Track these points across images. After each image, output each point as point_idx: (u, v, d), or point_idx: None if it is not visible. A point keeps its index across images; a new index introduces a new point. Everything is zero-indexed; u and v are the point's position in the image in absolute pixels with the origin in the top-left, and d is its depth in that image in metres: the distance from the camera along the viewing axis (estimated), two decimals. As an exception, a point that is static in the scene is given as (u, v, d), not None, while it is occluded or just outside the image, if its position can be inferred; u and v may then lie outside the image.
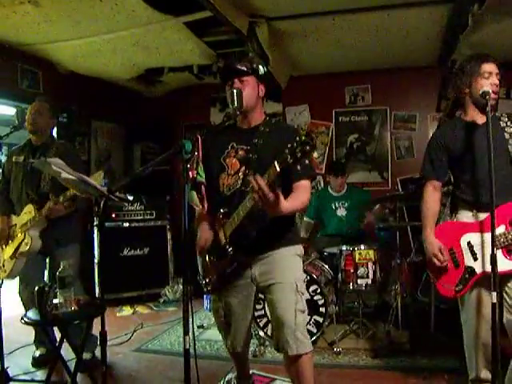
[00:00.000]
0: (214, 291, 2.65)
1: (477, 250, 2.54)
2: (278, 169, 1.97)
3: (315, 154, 1.99)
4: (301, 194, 2.40)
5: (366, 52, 5.27)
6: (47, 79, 5.11)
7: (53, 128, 3.66)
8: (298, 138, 1.87)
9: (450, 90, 5.20)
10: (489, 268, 2.35)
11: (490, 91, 2.40)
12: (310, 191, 2.46)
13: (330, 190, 5.03)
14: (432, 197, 2.76)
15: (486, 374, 2.62)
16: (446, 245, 2.65)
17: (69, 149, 3.73)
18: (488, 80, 2.50)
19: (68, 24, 4.15)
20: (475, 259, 2.55)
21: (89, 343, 3.26)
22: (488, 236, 2.40)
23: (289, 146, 1.90)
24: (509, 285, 2.48)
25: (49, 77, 5.13)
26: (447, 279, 2.64)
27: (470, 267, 2.55)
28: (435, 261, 2.64)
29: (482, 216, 2.54)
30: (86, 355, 3.36)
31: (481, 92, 2.42)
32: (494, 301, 2.24)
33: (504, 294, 2.50)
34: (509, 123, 2.60)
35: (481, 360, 2.62)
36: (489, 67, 2.53)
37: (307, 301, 2.63)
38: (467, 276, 2.55)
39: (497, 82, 2.51)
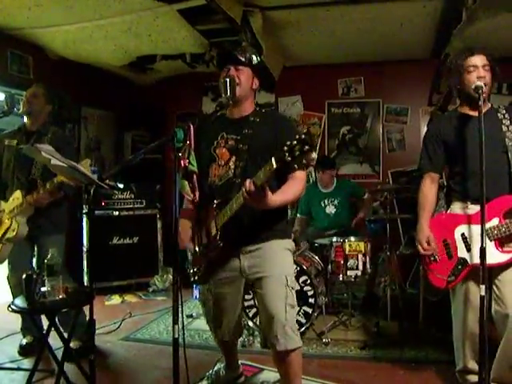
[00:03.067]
0: (203, 282, 2.64)
1: (470, 241, 2.57)
2: (275, 166, 1.95)
3: (313, 155, 1.96)
4: (293, 186, 2.39)
5: (360, 44, 5.27)
6: (37, 65, 5.05)
7: (48, 115, 3.60)
8: (298, 137, 1.84)
9: (442, 85, 5.22)
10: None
11: (483, 85, 2.38)
12: (304, 182, 2.46)
13: (319, 187, 5.03)
14: (430, 189, 2.79)
15: (473, 365, 2.66)
16: (441, 236, 2.69)
17: (63, 136, 3.70)
18: (474, 73, 2.50)
19: (59, 9, 4.10)
20: (468, 250, 2.58)
21: (78, 331, 3.25)
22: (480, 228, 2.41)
23: (288, 143, 1.86)
24: (499, 277, 2.51)
25: (39, 62, 5.08)
26: (440, 270, 2.67)
27: (463, 258, 2.59)
28: (419, 248, 2.69)
29: (476, 208, 2.55)
30: (75, 344, 3.35)
31: (473, 87, 2.41)
32: (483, 293, 2.26)
33: (493, 286, 2.53)
34: (506, 115, 2.61)
35: (468, 350, 2.66)
36: (473, 60, 2.53)
37: (297, 292, 2.63)
38: (460, 267, 2.59)
39: (482, 73, 2.50)
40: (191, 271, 2.62)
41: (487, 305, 2.39)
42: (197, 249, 2.57)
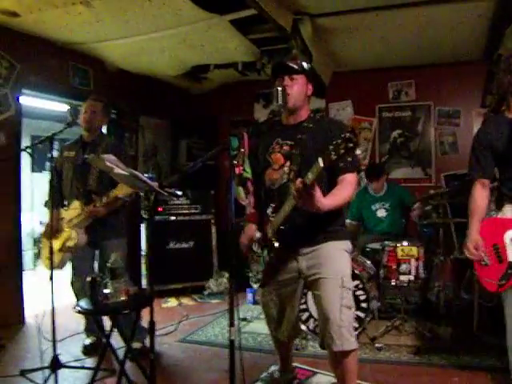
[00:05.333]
0: (264, 285, 2.72)
1: None
2: (322, 165, 1.97)
3: (358, 151, 2.00)
4: (343, 189, 2.40)
5: (410, 47, 5.22)
6: (97, 77, 5.29)
7: (105, 125, 3.78)
8: (342, 135, 1.89)
9: (494, 85, 5.10)
10: None
11: None
12: (354, 185, 2.46)
13: (369, 191, 5.01)
14: (481, 195, 2.74)
15: None
16: (491, 240, 2.66)
17: (118, 145, 3.85)
18: None
19: (117, 23, 4.29)
20: None
21: (138, 333, 3.37)
22: None
23: (334, 142, 1.91)
24: None
25: (98, 74, 5.32)
26: (491, 274, 2.64)
27: None
28: (466, 253, 2.69)
29: None
30: (136, 345, 3.47)
31: None
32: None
33: None
34: None
35: None
36: None
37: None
38: (510, 271, 2.55)
39: None
40: (252, 275, 2.69)
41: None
42: (257, 251, 2.64)
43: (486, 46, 5.12)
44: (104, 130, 4.06)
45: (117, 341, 3.08)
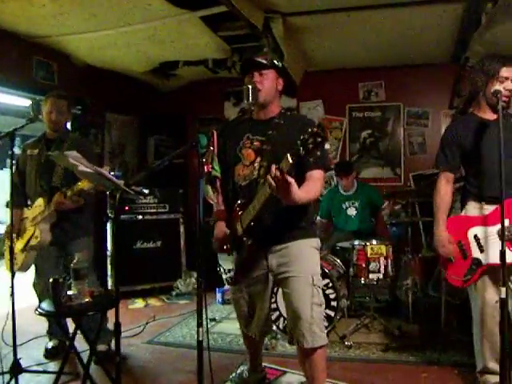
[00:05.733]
0: (235, 283, 2.70)
1: (483, 242, 2.68)
2: (291, 161, 1.98)
3: (327, 146, 2.00)
4: (313, 185, 2.41)
5: (380, 48, 5.26)
6: (62, 71, 5.14)
7: (69, 121, 3.68)
8: (309, 130, 1.89)
9: (463, 87, 5.21)
10: (494, 259, 2.55)
11: (502, 90, 2.48)
12: (322, 182, 2.49)
13: (340, 190, 5.04)
14: (445, 188, 2.87)
15: (493, 366, 2.69)
16: (455, 237, 2.78)
17: (83, 142, 3.76)
18: (502, 84, 2.59)
19: (84, 17, 4.17)
20: (481, 251, 2.68)
21: (104, 335, 3.30)
22: (492, 229, 2.62)
23: (301, 137, 1.91)
24: None
25: (63, 69, 5.16)
26: (456, 270, 2.78)
27: (477, 259, 2.69)
28: (441, 252, 2.77)
29: (489, 208, 2.68)
30: (101, 347, 3.40)
31: (492, 91, 2.52)
32: (503, 296, 2.29)
33: (510, 284, 2.57)
34: None
35: (488, 351, 2.70)
36: (507, 72, 2.61)
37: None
38: (474, 267, 2.69)
39: (510, 87, 2.60)
40: (225, 274, 2.67)
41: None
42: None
43: (453, 49, 5.20)
44: (68, 125, 3.95)
45: (81, 343, 3.00)
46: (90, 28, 4.45)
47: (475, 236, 2.71)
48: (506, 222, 2.52)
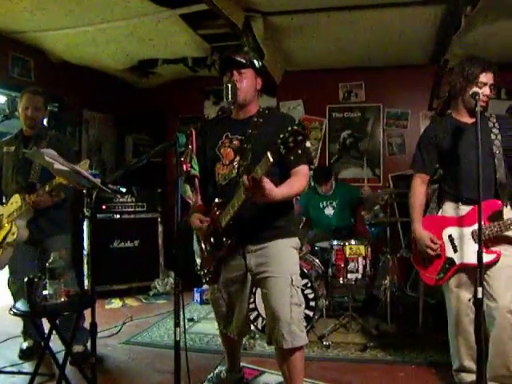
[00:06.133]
0: (213, 282, 2.67)
1: (457, 242, 2.74)
2: (272, 159, 1.98)
3: (308, 144, 2.01)
4: (297, 180, 2.42)
5: (361, 49, 5.29)
6: (39, 68, 5.06)
7: (45, 118, 3.62)
8: (290, 128, 1.89)
9: (442, 89, 5.26)
10: (467, 259, 2.64)
11: (480, 92, 2.50)
12: (307, 177, 2.48)
13: (318, 190, 5.06)
14: (419, 189, 2.92)
15: (468, 364, 2.73)
16: None
17: (61, 140, 3.71)
18: (480, 90, 2.61)
19: (61, 13, 4.11)
20: (455, 251, 2.73)
21: (80, 336, 3.25)
22: (467, 230, 2.68)
23: (281, 136, 1.91)
24: (488, 273, 2.60)
25: (40, 65, 5.09)
26: (430, 269, 2.85)
27: (450, 258, 2.75)
28: (429, 251, 2.79)
29: (466, 208, 2.72)
30: (77, 348, 3.36)
31: (471, 93, 2.53)
32: (480, 295, 2.29)
33: (484, 283, 2.57)
34: (496, 125, 2.72)
35: (463, 349, 2.75)
36: (486, 78, 2.65)
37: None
38: (447, 266, 2.75)
39: (488, 93, 2.66)
40: (202, 272, 2.64)
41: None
42: (205, 247, 2.60)
43: (433, 51, 5.27)
44: (45, 122, 3.89)
45: (56, 344, 2.95)
46: (68, 24, 4.39)
47: (450, 236, 2.75)
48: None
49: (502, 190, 2.66)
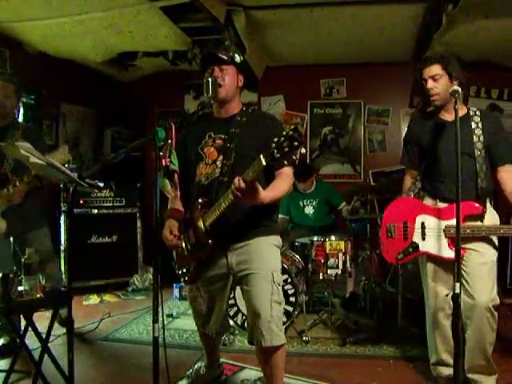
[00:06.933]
0: (192, 281, 2.64)
1: (427, 231, 2.77)
2: (264, 163, 1.97)
3: (303, 150, 2.00)
4: (282, 182, 2.41)
5: (343, 45, 5.30)
6: (14, 59, 4.91)
7: (18, 109, 3.55)
8: (285, 133, 1.87)
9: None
10: (432, 250, 2.72)
11: (459, 89, 2.46)
12: (291, 178, 2.47)
13: (299, 188, 5.06)
14: (408, 184, 3.02)
15: (446, 358, 2.78)
16: (403, 217, 2.87)
17: (35, 132, 3.64)
18: (426, 85, 2.68)
19: (39, 2, 4.02)
20: (423, 239, 2.78)
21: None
22: (441, 223, 2.72)
23: (275, 140, 1.89)
24: (465, 269, 2.64)
25: (17, 56, 4.95)
26: (393, 247, 2.90)
27: (416, 243, 2.80)
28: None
29: (444, 205, 2.76)
30: (63, 313, 3.29)
31: (451, 91, 2.49)
32: (457, 291, 2.31)
33: (462, 279, 2.62)
34: (479, 125, 2.70)
35: (440, 343, 2.80)
36: (426, 73, 2.70)
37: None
38: (411, 250, 2.82)
39: (430, 85, 2.68)
40: (180, 272, 2.61)
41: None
42: (185, 247, 2.56)
43: (415, 49, 5.31)
44: (21, 118, 3.81)
45: (32, 341, 2.89)
46: (45, 15, 4.29)
47: (422, 223, 2.79)
48: (454, 221, 2.58)
49: (483, 195, 2.67)
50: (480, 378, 2.66)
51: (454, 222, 2.55)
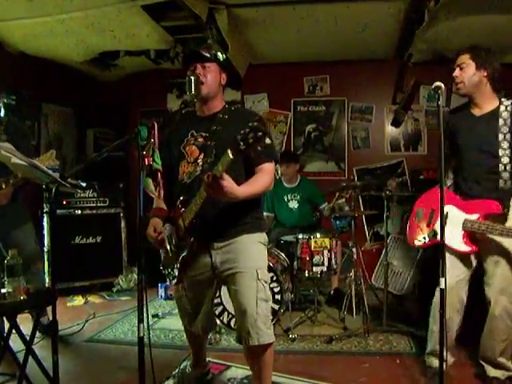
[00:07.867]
0: (178, 281, 2.62)
1: (448, 221, 2.73)
2: (231, 156, 1.96)
3: (268, 140, 2.00)
4: (261, 177, 2.39)
5: (326, 43, 5.31)
6: (-6, 58, 4.88)
7: None
8: (249, 124, 1.88)
9: (406, 82, 5.33)
10: (447, 240, 2.54)
11: (442, 85, 2.40)
12: (272, 174, 2.44)
13: (283, 182, 5.08)
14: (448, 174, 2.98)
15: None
16: (432, 205, 2.87)
17: (19, 128, 3.60)
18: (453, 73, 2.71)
19: (19, 2, 3.97)
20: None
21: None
22: (462, 215, 2.72)
23: (241, 132, 1.90)
24: (489, 271, 2.70)
25: (-4, 56, 4.91)
26: (415, 231, 2.96)
27: (435, 231, 2.81)
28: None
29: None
30: (43, 320, 3.34)
31: (433, 86, 2.47)
32: (442, 286, 2.33)
33: (484, 276, 2.75)
34: (508, 121, 2.65)
35: (437, 332, 2.76)
36: (456, 62, 2.72)
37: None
38: (431, 236, 2.83)
39: (455, 73, 2.71)
40: (167, 272, 2.60)
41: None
42: (169, 247, 2.55)
43: (397, 45, 5.34)
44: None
45: (17, 343, 2.86)
46: (26, 14, 4.23)
47: (447, 213, 2.75)
48: (475, 216, 2.67)
49: (506, 195, 2.64)
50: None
51: (474, 216, 2.64)
